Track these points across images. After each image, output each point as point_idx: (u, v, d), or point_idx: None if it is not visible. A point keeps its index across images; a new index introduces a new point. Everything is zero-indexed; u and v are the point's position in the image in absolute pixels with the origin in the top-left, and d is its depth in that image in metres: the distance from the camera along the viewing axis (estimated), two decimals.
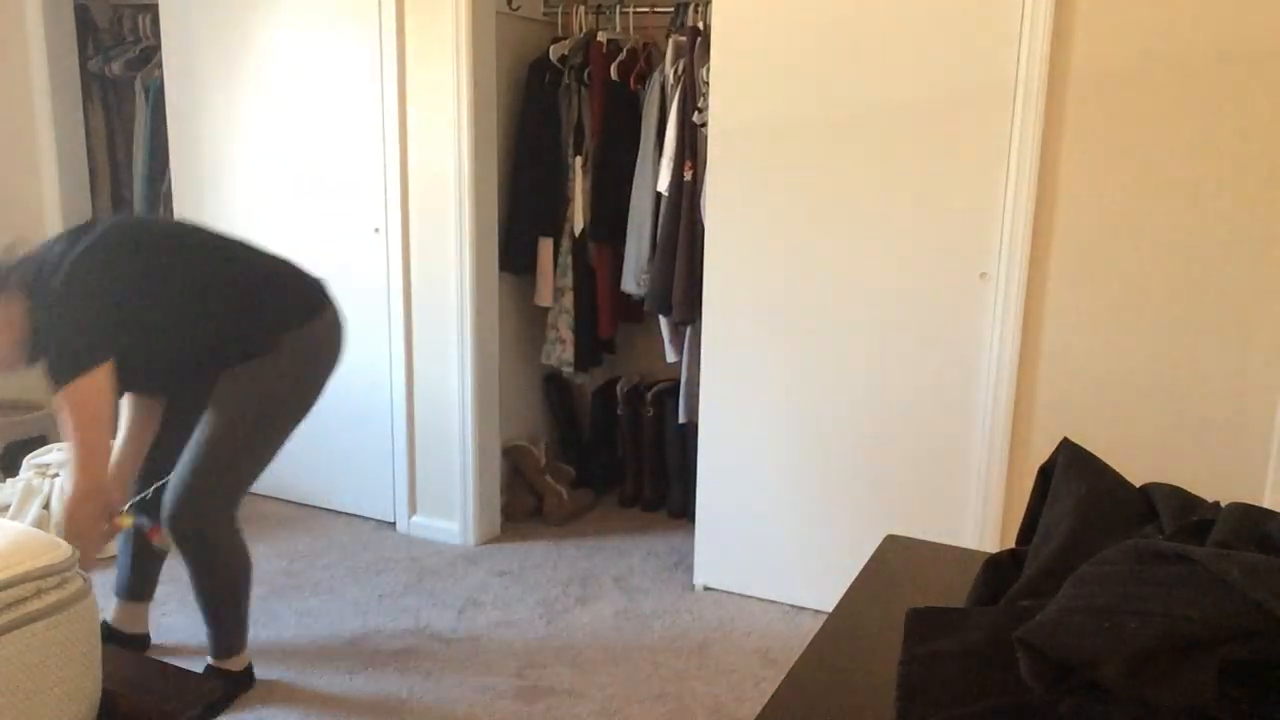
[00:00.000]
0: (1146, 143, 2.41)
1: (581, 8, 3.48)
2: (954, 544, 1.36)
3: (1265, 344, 2.40)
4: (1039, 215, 2.52)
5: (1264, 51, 2.28)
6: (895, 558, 1.29)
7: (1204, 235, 2.40)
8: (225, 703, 2.42)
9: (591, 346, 3.58)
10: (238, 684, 2.45)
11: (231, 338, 2.29)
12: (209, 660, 2.43)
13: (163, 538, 2.33)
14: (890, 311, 2.69)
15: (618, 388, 3.72)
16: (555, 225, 3.46)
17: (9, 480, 3.19)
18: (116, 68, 3.97)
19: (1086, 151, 2.46)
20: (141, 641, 2.62)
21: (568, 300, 3.51)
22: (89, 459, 2.13)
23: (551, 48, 3.39)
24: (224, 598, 2.38)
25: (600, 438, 3.84)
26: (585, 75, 3.39)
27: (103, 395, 2.08)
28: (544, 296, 3.53)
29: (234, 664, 2.44)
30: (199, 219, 3.63)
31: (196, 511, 2.28)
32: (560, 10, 3.53)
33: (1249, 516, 0.89)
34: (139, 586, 2.58)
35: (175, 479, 2.29)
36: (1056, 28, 2.42)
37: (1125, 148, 2.43)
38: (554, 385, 3.85)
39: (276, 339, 2.29)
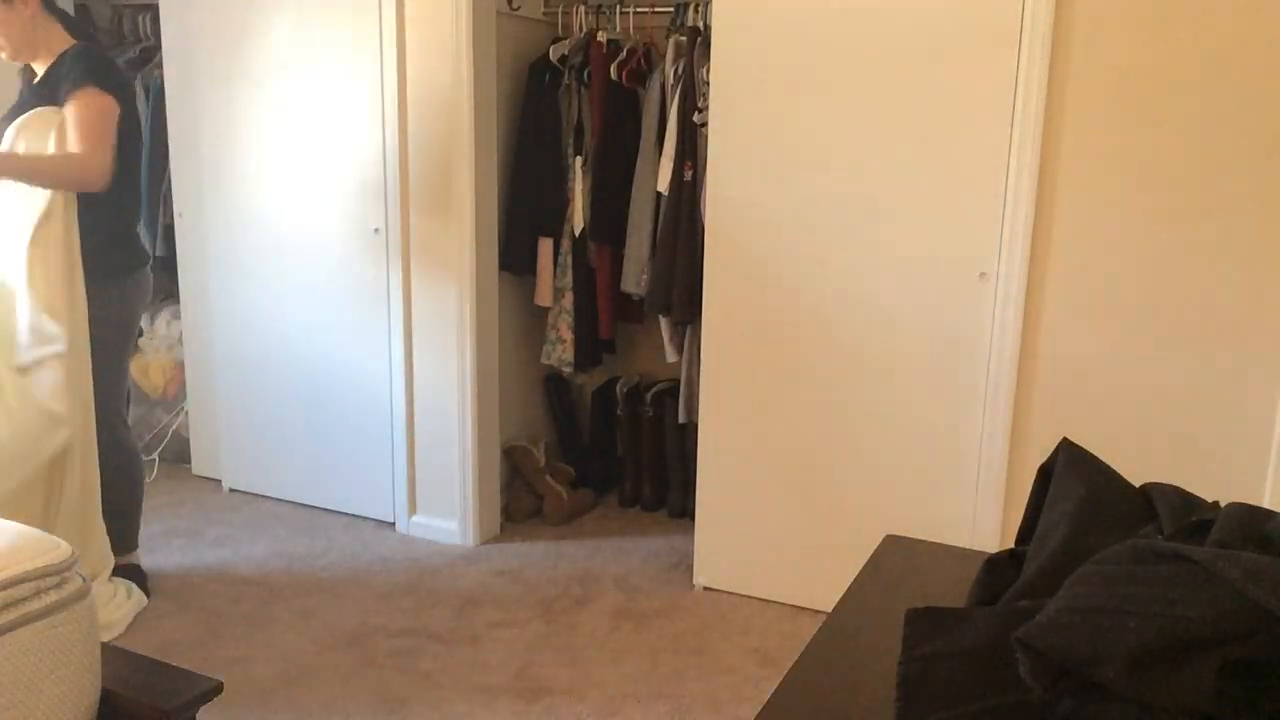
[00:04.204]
0: (1146, 143, 2.41)
1: (581, 8, 3.48)
2: (954, 544, 1.35)
3: (1266, 343, 2.40)
4: (1039, 215, 2.52)
5: (1264, 53, 2.28)
6: (895, 558, 1.29)
7: (1204, 234, 2.40)
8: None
9: (591, 346, 3.58)
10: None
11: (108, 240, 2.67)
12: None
13: None
14: (890, 311, 2.69)
15: (618, 388, 3.72)
16: (555, 225, 3.46)
17: None
18: None
19: (1087, 152, 2.46)
20: None
21: (568, 300, 3.51)
22: (88, 158, 2.43)
23: (551, 48, 3.39)
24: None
25: (600, 438, 3.84)
26: (585, 75, 3.39)
27: (107, 118, 2.48)
28: (544, 296, 3.53)
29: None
30: (199, 219, 3.64)
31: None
32: (560, 10, 3.53)
33: (1249, 516, 0.89)
34: None
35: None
36: (1057, 28, 2.42)
37: (1125, 148, 2.43)
38: (554, 385, 3.85)
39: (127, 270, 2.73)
